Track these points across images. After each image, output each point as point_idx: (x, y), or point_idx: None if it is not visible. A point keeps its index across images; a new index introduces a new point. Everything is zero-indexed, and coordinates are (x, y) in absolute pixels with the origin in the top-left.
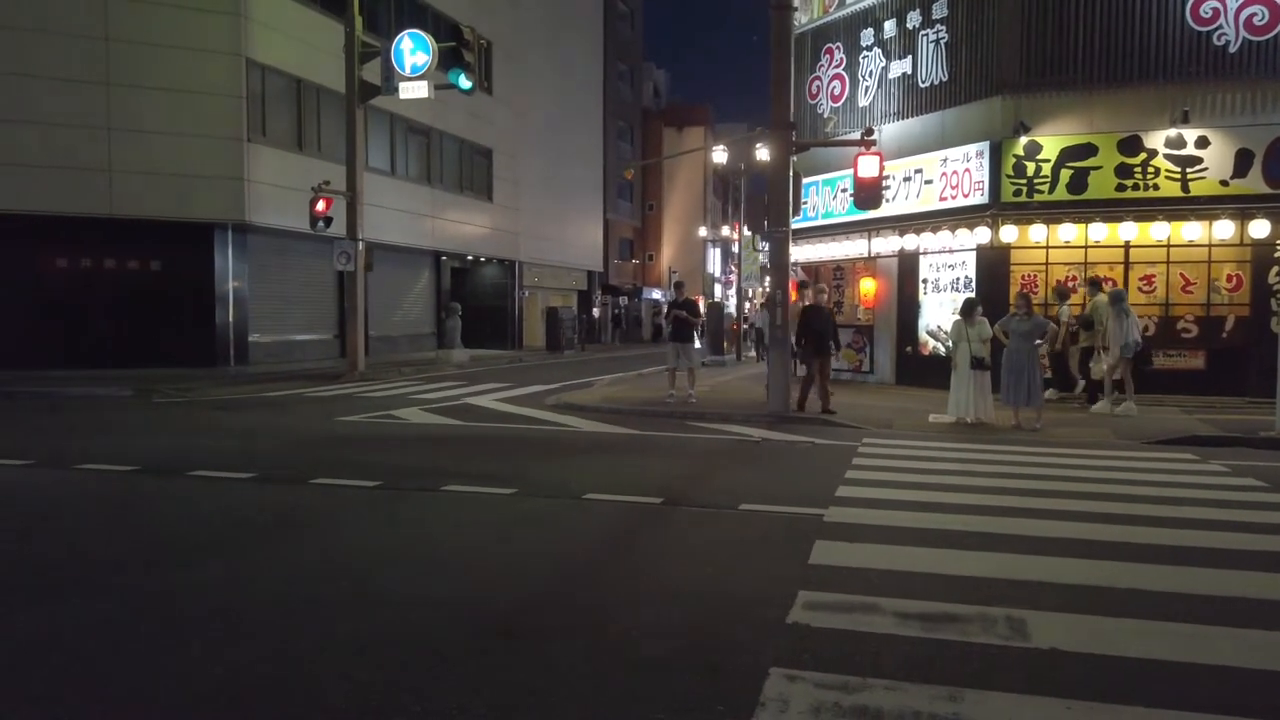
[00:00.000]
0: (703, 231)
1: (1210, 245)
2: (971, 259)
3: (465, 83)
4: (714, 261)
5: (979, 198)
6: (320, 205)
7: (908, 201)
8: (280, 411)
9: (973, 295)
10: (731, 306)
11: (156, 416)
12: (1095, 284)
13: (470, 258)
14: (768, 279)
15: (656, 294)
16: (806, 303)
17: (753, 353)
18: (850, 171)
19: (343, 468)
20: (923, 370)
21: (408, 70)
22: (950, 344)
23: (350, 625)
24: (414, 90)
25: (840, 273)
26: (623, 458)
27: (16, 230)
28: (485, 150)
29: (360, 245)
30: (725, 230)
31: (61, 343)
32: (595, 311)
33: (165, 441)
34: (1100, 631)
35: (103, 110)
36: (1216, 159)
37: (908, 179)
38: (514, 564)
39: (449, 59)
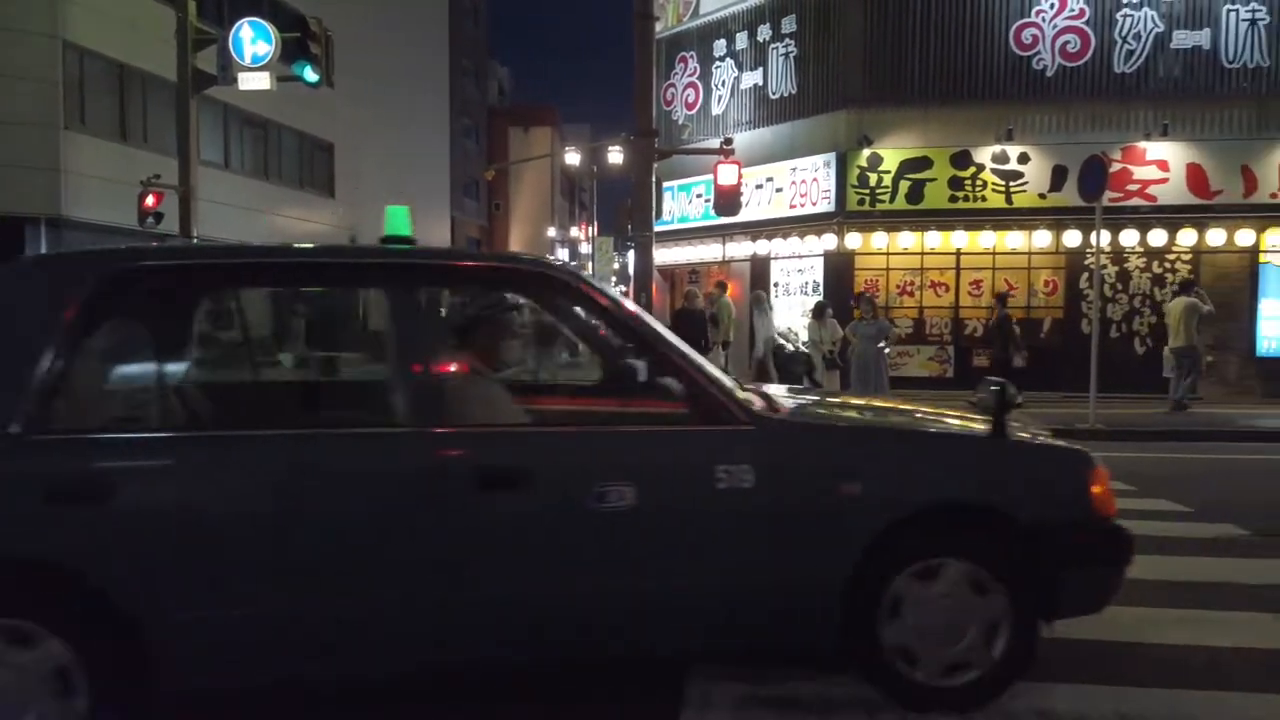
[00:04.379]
0: (551, 232)
1: (1030, 253)
2: (819, 264)
3: (312, 75)
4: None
5: (826, 206)
6: (150, 200)
7: (760, 208)
8: None
9: (823, 298)
10: None
11: None
12: (722, 285)
13: None
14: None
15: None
16: (679, 306)
17: None
18: (705, 178)
19: None
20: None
21: (248, 60)
22: (804, 344)
23: None
24: (255, 81)
25: (695, 276)
26: None
27: None
28: (327, 145)
29: (195, 243)
30: (574, 231)
31: None
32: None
33: None
34: None
35: None
36: (1036, 174)
37: (759, 187)
38: None
39: (293, 50)
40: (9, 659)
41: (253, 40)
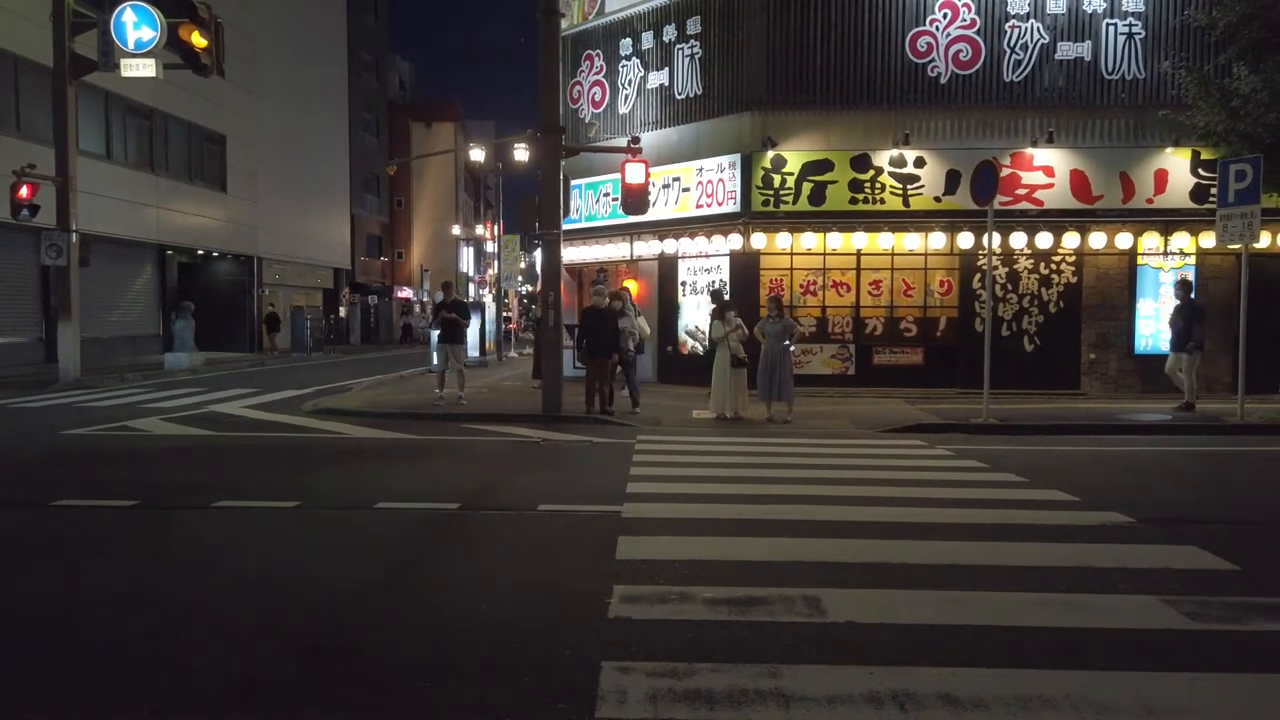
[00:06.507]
0: (456, 229)
1: (926, 254)
2: (726, 263)
3: (201, 63)
4: (467, 260)
5: (732, 206)
6: (23, 191)
7: (667, 208)
8: None
9: (727, 298)
10: (490, 305)
11: None
12: (620, 295)
13: (201, 252)
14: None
15: (407, 293)
16: (587, 304)
17: (513, 353)
18: (613, 176)
19: (87, 487)
20: (682, 369)
21: (131, 46)
22: (710, 343)
23: (151, 660)
24: (139, 68)
25: (604, 274)
26: (405, 464)
27: None
28: (218, 137)
29: (74, 237)
30: (479, 229)
31: None
32: (342, 311)
33: None
34: (882, 603)
35: None
36: (931, 177)
37: (667, 186)
38: (313, 581)
39: (180, 36)
40: None
41: (136, 25)
